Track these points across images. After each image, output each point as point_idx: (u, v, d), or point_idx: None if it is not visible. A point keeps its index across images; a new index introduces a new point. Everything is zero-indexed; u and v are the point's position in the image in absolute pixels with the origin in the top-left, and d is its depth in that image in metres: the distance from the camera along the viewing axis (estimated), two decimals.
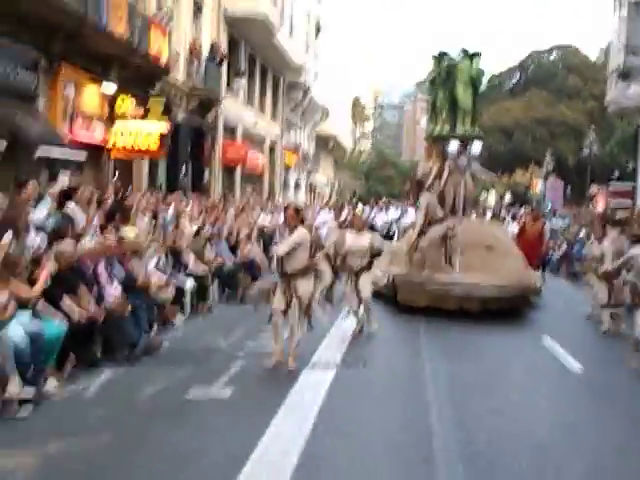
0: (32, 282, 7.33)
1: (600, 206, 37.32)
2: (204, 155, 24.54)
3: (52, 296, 7.57)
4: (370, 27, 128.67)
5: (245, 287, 13.80)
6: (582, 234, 21.07)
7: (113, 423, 6.05)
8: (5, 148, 11.89)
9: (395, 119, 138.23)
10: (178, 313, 10.76)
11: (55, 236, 8.60)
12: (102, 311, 8.05)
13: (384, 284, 12.29)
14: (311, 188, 46.96)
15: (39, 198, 9.78)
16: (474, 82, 14.61)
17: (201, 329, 10.38)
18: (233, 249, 14.83)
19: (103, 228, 10.01)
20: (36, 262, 7.68)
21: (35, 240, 8.16)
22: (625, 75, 24.05)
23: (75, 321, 7.51)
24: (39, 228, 8.67)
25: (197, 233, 13.26)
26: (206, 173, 25.11)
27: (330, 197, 45.02)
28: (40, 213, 9.11)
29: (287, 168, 38.65)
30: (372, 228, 19.69)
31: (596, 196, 43.42)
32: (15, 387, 6.04)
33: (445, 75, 14.09)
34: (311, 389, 7.18)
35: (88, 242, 8.83)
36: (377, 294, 11.86)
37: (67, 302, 7.65)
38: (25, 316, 6.73)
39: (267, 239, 17.33)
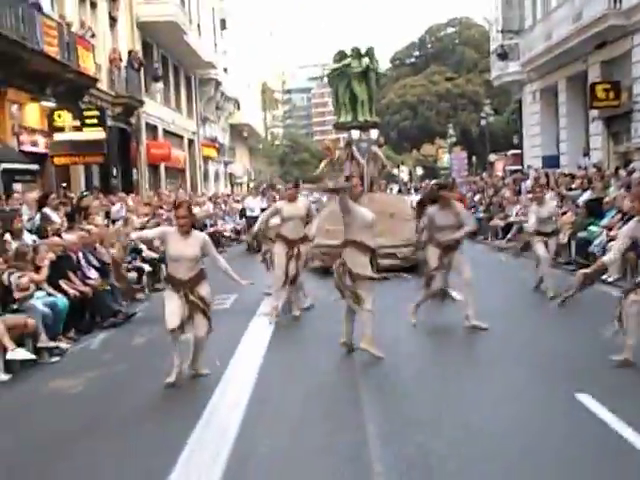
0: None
1: (499, 172, 40.72)
2: (131, 156, 26.44)
3: (50, 279, 9.71)
4: (271, 14, 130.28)
5: None
6: (476, 199, 24.06)
7: (121, 360, 8.32)
8: None
9: (304, 102, 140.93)
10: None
11: (40, 234, 10.76)
12: (89, 290, 10.23)
13: None
14: (230, 178, 48.99)
15: None
16: (369, 75, 17.05)
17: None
18: None
19: (70, 227, 12.14)
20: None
21: (29, 238, 10.27)
22: (503, 55, 27.09)
23: (71, 298, 9.68)
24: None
25: (143, 227, 15.48)
26: (134, 172, 26.98)
27: (248, 186, 47.23)
28: (25, 217, 11.18)
29: (206, 160, 40.65)
30: None
31: (495, 163, 47.00)
32: (45, 340, 8.24)
33: (342, 72, 16.52)
34: (260, 332, 9.53)
35: (68, 237, 10.93)
36: None
37: (63, 284, 9.81)
38: (41, 293, 8.90)
39: (200, 227, 19.84)
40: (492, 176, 31.29)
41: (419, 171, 73.00)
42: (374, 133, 15.73)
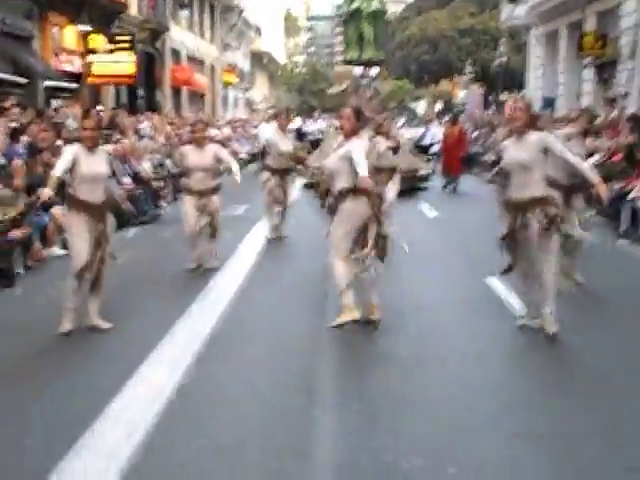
0: None
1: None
2: (155, 78, 28.26)
3: None
4: None
5: None
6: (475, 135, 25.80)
7: (153, 240, 10.45)
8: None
9: (328, 31, 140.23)
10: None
11: None
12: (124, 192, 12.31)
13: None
14: (248, 104, 50.62)
15: None
16: (377, 17, 18.74)
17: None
18: None
19: (106, 140, 14.16)
20: None
21: None
22: None
23: None
24: None
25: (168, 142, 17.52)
26: (158, 94, 28.82)
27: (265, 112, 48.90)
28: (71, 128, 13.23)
29: (226, 86, 42.32)
30: (303, 135, 24.20)
31: (507, 102, 48.26)
32: None
33: (353, 14, 18.23)
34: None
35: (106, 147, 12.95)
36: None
37: None
38: None
39: None
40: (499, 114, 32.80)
41: (438, 106, 73.74)
42: (374, 71, 17.64)
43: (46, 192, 6.33)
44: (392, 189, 9.27)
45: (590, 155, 14.09)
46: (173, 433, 4.48)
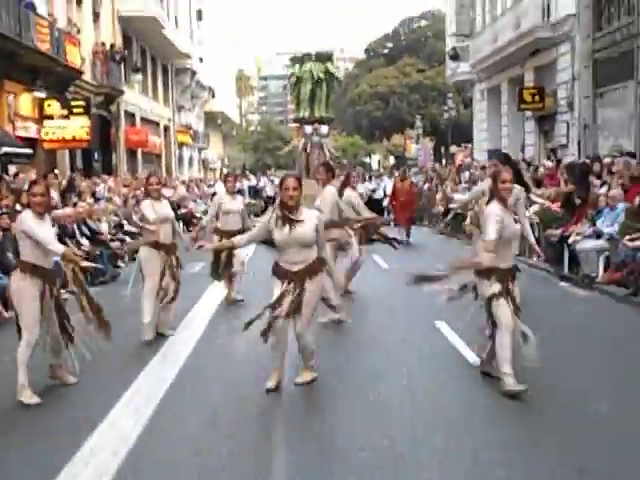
0: None
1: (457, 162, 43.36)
2: (111, 141, 28.65)
3: None
4: (246, 3, 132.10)
5: None
6: (425, 187, 26.57)
7: (113, 299, 10.66)
8: None
9: (280, 89, 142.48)
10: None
11: None
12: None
13: None
14: (204, 164, 51.20)
15: None
16: (326, 77, 19.51)
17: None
18: None
19: (65, 204, 14.47)
20: None
21: None
22: (455, 57, 29.64)
23: None
24: None
25: (124, 203, 17.87)
26: (113, 157, 29.17)
27: (221, 171, 49.48)
28: None
29: (181, 146, 42.88)
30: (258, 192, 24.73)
31: (456, 154, 49.70)
32: None
33: (303, 75, 18.97)
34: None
35: (66, 210, 13.26)
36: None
37: None
38: None
39: (174, 208, 22.27)
40: (448, 166, 33.85)
41: (391, 160, 75.20)
42: (324, 128, 18.40)
43: None
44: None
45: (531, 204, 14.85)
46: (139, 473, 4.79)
